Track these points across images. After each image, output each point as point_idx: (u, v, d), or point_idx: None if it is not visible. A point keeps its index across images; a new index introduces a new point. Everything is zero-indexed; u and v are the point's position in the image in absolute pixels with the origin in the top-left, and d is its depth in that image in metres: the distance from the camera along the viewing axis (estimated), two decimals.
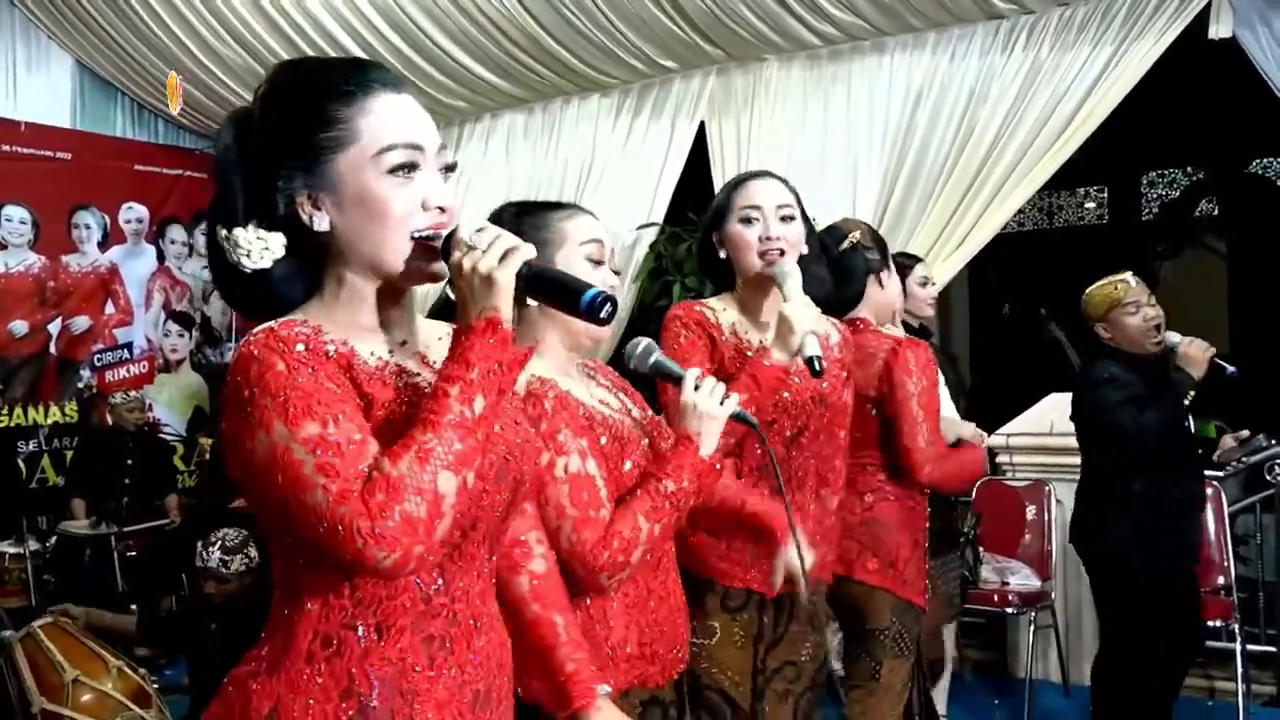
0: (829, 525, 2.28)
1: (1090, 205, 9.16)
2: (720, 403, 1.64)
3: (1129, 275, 3.37)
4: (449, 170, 1.19)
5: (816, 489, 2.21)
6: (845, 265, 2.55)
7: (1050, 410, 4.67)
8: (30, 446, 6.21)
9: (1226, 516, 4.25)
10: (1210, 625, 4.22)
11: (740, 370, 2.02)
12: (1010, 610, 4.28)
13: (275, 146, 1.15)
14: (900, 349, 2.51)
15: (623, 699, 1.58)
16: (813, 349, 1.95)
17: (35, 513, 5.79)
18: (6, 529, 5.21)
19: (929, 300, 3.63)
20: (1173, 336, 3.31)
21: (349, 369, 1.12)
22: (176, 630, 3.88)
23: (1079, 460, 3.55)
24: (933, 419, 2.48)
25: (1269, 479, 4.42)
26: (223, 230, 1.16)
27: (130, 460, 5.70)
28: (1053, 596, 4.41)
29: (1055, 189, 8.81)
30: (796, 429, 2.13)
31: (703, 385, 1.65)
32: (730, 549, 2.08)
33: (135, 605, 5.00)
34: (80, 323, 6.40)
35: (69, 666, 3.21)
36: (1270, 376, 5.89)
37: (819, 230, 2.55)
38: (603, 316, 1.14)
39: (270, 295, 1.17)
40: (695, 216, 4.79)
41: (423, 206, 1.14)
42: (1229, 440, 4.35)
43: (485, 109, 5.85)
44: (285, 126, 1.15)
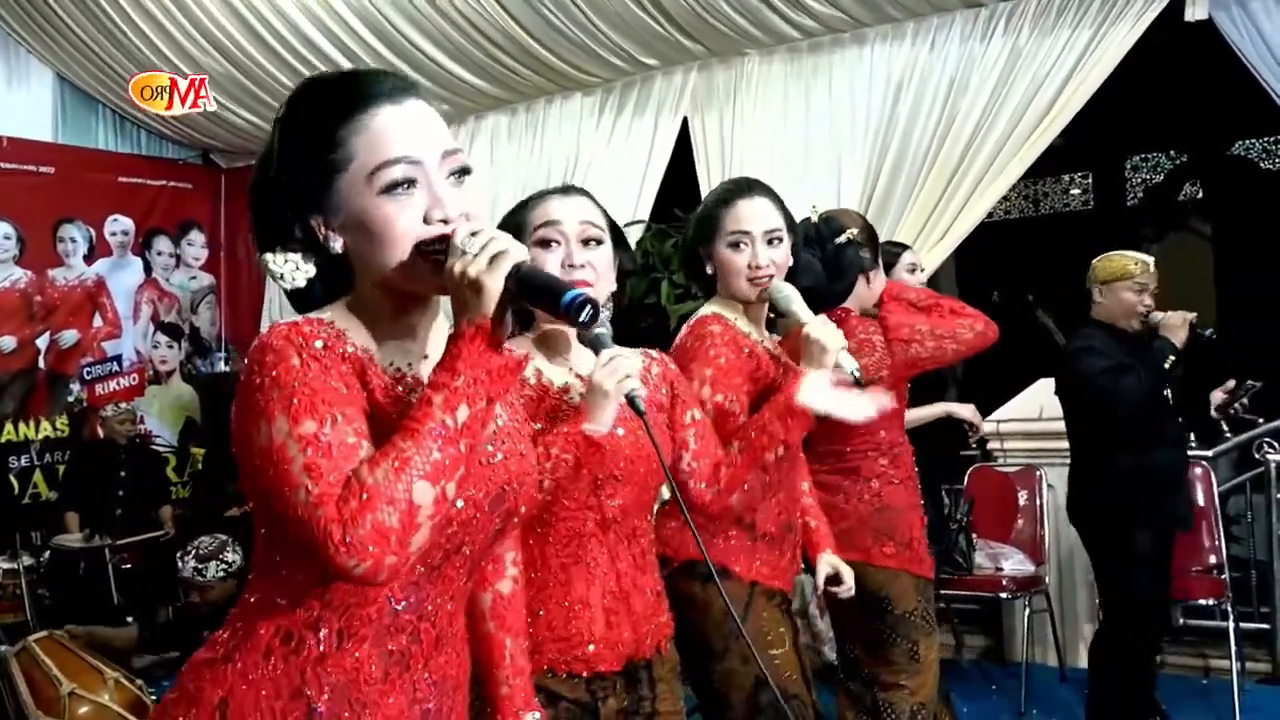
0: (807, 504, 2.36)
1: (1075, 191, 9.19)
2: (618, 381, 1.54)
3: (1151, 260, 3.41)
4: (463, 174, 1.16)
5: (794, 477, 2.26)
6: (839, 260, 2.57)
7: (1040, 395, 4.69)
8: (22, 462, 6.19)
9: (1216, 496, 4.27)
10: (1203, 604, 4.25)
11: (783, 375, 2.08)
12: (1005, 595, 4.30)
13: (288, 176, 1.15)
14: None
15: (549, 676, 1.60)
16: (851, 362, 1.99)
17: (28, 528, 5.78)
18: (0, 545, 5.21)
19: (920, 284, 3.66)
20: (1156, 315, 3.35)
21: (363, 374, 1.12)
22: (173, 640, 3.88)
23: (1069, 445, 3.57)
24: None
25: (1258, 457, 4.45)
26: (259, 254, 1.18)
27: (123, 472, 5.69)
28: (1047, 580, 4.43)
29: (1040, 176, 8.84)
30: None
31: (611, 362, 1.55)
32: (780, 556, 2.13)
33: (132, 617, 5.00)
34: (68, 336, 6.39)
35: (65, 679, 3.21)
36: (1258, 357, 5.92)
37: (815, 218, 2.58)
38: (582, 319, 1.11)
39: (315, 306, 1.19)
40: (681, 213, 4.79)
41: (425, 220, 1.13)
42: (1219, 394, 4.39)
43: (468, 111, 5.85)
44: (295, 155, 1.15)
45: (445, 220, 1.13)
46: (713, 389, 2.01)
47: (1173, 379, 3.27)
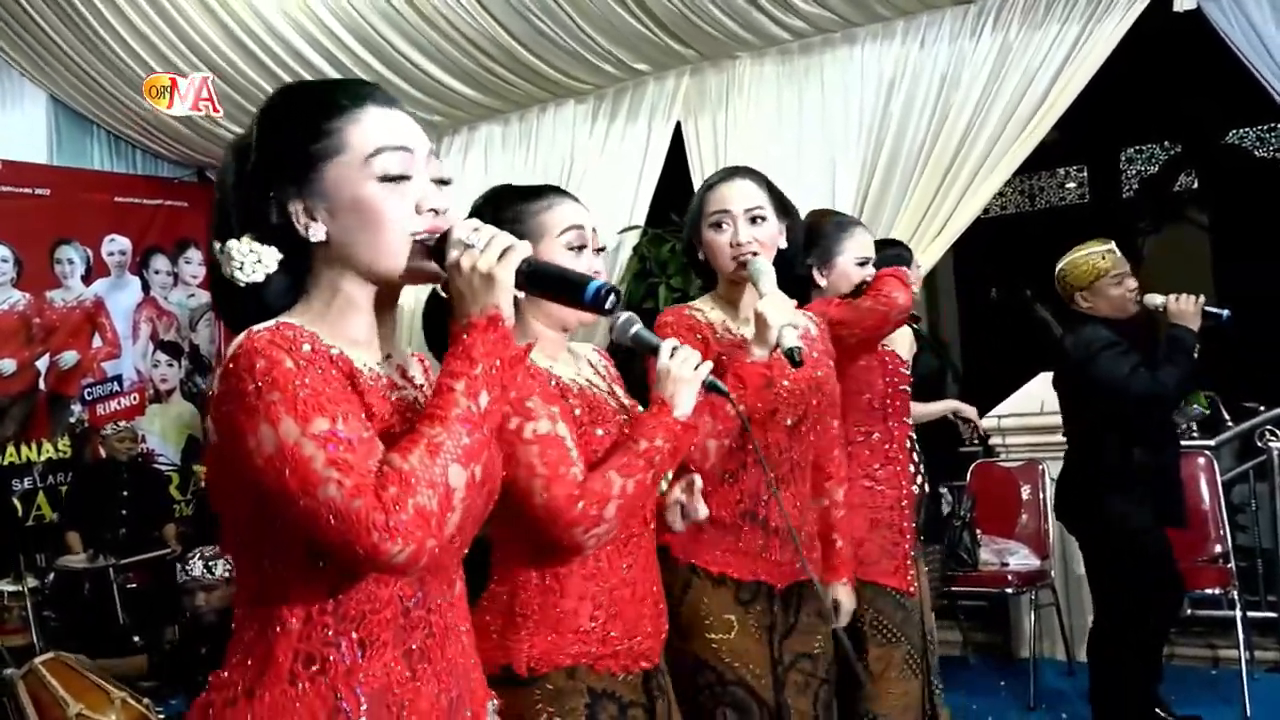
0: (838, 517, 2.30)
1: (1071, 185, 9.19)
2: (694, 368, 1.65)
3: (1111, 244, 3.39)
4: (443, 184, 1.19)
5: (818, 480, 2.24)
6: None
7: (1040, 390, 4.69)
8: (25, 484, 6.18)
9: (1220, 485, 4.27)
10: (1210, 593, 4.25)
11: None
12: (1010, 591, 4.30)
13: (270, 159, 1.16)
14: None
15: (569, 677, 1.57)
16: (790, 340, 1.96)
17: (33, 550, 5.77)
18: (4, 567, 5.21)
19: (917, 281, 3.70)
20: (1155, 298, 3.33)
21: (351, 377, 1.12)
22: (180, 663, 3.87)
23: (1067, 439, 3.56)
24: None
25: (1260, 445, 4.44)
26: (218, 244, 1.18)
27: (125, 492, 5.69)
28: (1052, 575, 4.42)
29: (1035, 171, 8.85)
30: (797, 417, 2.15)
31: (678, 352, 1.67)
32: (739, 542, 2.09)
33: (138, 638, 5.00)
34: (68, 358, 6.39)
35: (72, 700, 3.20)
36: (1259, 346, 5.92)
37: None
38: (608, 307, 1.17)
39: (262, 309, 1.17)
40: (677, 217, 4.80)
41: (416, 210, 1.15)
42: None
43: (461, 122, 5.85)
44: (279, 140, 1.17)
45: (435, 211, 1.16)
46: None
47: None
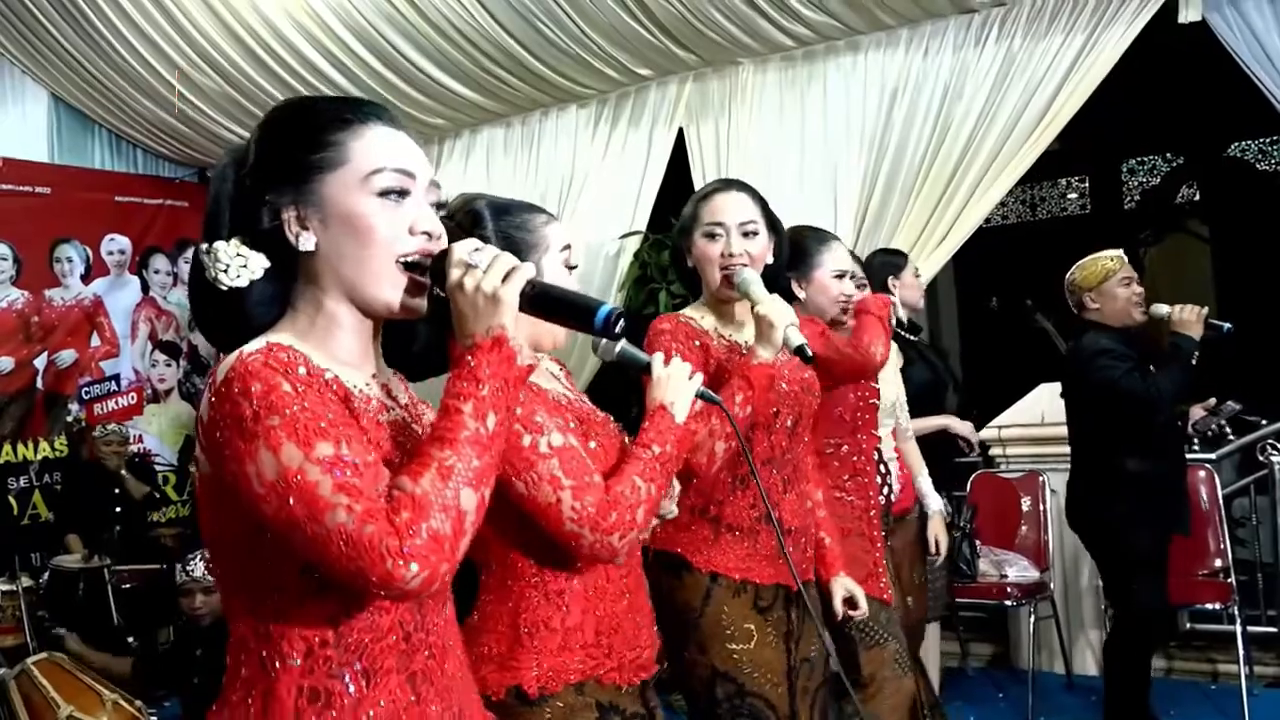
0: (821, 517, 2.32)
1: (1073, 196, 9.19)
2: (689, 377, 1.70)
3: (1120, 252, 3.43)
4: (439, 208, 1.19)
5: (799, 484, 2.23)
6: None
7: (1041, 400, 4.68)
8: (21, 483, 6.16)
9: (1221, 499, 4.25)
10: (1210, 608, 4.23)
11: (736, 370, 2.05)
12: (1010, 603, 4.28)
13: (268, 165, 1.15)
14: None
15: (578, 694, 1.57)
16: (798, 338, 1.99)
17: (28, 549, 5.76)
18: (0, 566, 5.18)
19: (921, 290, 3.78)
20: (1161, 308, 3.35)
21: (346, 400, 1.10)
22: (171, 669, 3.83)
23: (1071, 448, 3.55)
24: None
25: (1261, 460, 4.43)
26: (205, 245, 1.15)
27: (118, 490, 5.67)
28: (1051, 586, 4.40)
29: (1037, 181, 8.85)
30: (795, 418, 2.15)
31: (673, 361, 1.72)
32: (757, 545, 2.09)
33: (131, 639, 4.97)
34: (66, 356, 6.37)
35: (63, 702, 3.18)
36: (1260, 357, 5.92)
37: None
38: (617, 332, 1.17)
39: (241, 319, 1.14)
40: (677, 223, 4.79)
41: (409, 231, 1.14)
42: (1198, 410, 4.38)
43: (464, 125, 5.84)
44: (279, 147, 1.15)
45: (429, 234, 1.15)
46: None
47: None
